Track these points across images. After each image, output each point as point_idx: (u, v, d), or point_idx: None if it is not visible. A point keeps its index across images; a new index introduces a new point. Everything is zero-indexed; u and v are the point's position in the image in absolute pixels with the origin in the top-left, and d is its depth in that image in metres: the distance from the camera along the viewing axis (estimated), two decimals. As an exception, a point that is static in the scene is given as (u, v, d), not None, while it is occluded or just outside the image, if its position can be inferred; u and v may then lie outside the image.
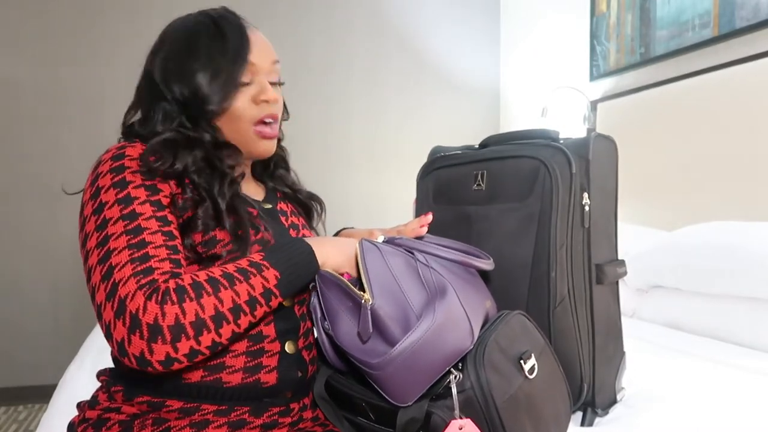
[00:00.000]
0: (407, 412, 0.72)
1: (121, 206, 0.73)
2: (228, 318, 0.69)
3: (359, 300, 0.72)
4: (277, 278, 0.74)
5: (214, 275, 0.71)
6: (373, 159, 3.12)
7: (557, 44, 2.84)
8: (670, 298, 1.74)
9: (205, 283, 0.69)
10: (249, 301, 0.71)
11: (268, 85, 0.86)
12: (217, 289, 0.69)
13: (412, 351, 0.68)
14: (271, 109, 0.86)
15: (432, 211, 1.11)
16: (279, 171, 1.01)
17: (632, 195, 2.23)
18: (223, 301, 0.69)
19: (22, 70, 2.66)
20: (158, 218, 0.74)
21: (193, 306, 0.67)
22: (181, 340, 0.66)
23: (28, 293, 2.70)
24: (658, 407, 1.01)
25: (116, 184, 0.74)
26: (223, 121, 0.85)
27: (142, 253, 0.70)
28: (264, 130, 0.87)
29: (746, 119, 1.81)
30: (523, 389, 0.75)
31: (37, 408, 2.61)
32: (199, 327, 0.67)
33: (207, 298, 0.68)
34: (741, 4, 1.82)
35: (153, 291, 0.67)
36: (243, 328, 0.73)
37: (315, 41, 3.01)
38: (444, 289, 0.72)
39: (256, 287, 0.72)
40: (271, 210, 0.93)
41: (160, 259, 0.70)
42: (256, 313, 0.73)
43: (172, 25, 0.88)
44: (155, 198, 0.75)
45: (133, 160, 0.77)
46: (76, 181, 0.94)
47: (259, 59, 0.85)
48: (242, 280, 0.71)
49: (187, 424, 0.75)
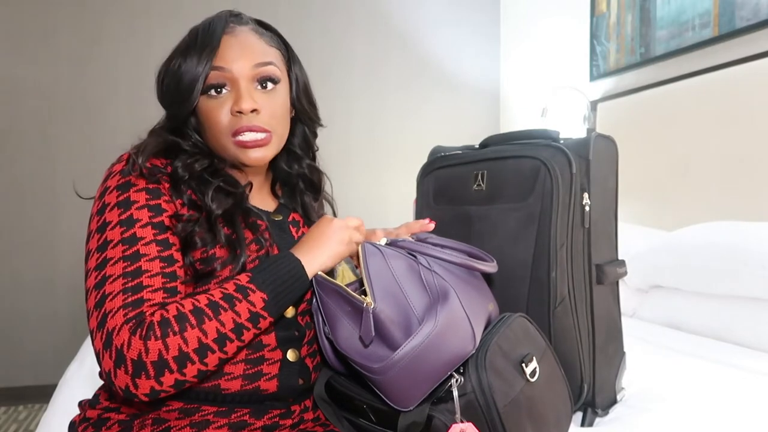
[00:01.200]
0: (408, 416, 0.72)
1: (122, 228, 0.73)
2: (213, 348, 0.70)
3: (359, 305, 0.71)
4: (264, 300, 0.73)
5: (199, 305, 0.70)
6: (373, 159, 3.12)
7: (557, 44, 2.83)
8: (670, 298, 1.74)
9: (190, 314, 0.69)
10: (235, 328, 0.71)
11: (244, 94, 0.80)
12: (201, 320, 0.69)
13: (413, 355, 0.67)
14: (247, 121, 0.80)
15: (432, 212, 1.11)
16: (304, 198, 0.96)
17: (632, 195, 2.23)
18: (207, 333, 0.69)
19: (22, 70, 2.66)
20: (158, 242, 0.74)
21: (176, 340, 0.67)
22: (165, 375, 0.67)
23: (28, 293, 2.70)
24: (658, 407, 1.01)
25: (120, 204, 0.75)
26: (207, 132, 0.84)
27: (135, 282, 0.71)
28: (242, 140, 0.81)
29: (746, 119, 1.81)
30: (524, 392, 0.75)
31: (37, 408, 2.61)
32: (183, 360, 0.68)
33: (191, 331, 0.68)
34: (741, 4, 1.82)
35: (138, 325, 0.68)
36: (232, 353, 0.72)
37: (315, 41, 3.01)
38: (446, 292, 0.72)
39: (242, 314, 0.71)
40: (280, 222, 0.90)
41: (153, 289, 0.71)
42: (244, 337, 0.73)
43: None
44: (158, 219, 0.75)
45: (140, 177, 0.77)
46: (76, 181, 0.94)
47: (233, 65, 0.80)
48: (227, 308, 0.71)
49: (188, 424, 0.75)
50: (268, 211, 0.90)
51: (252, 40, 0.84)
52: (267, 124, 0.82)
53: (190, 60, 0.80)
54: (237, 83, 0.81)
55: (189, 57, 0.81)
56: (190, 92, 0.80)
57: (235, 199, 0.83)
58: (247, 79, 0.81)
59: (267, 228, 0.85)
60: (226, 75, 0.81)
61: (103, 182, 0.78)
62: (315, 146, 0.98)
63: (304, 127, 0.95)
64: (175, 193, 0.79)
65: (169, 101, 0.84)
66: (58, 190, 2.70)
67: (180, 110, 0.82)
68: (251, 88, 0.82)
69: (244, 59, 0.81)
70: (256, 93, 0.82)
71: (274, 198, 0.95)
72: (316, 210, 0.98)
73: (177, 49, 0.84)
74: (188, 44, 0.82)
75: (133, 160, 0.78)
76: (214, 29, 0.82)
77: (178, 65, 0.81)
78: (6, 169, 2.66)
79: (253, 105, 0.80)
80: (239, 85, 0.81)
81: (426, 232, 0.93)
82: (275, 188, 0.96)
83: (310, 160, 0.97)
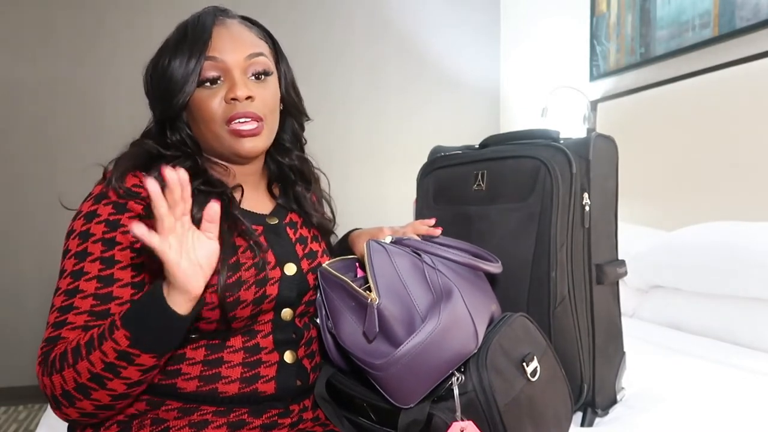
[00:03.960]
0: (409, 414, 0.72)
1: (75, 261, 0.75)
2: (94, 387, 0.68)
3: (363, 300, 0.72)
4: (127, 338, 0.66)
5: (79, 344, 0.69)
6: (373, 159, 3.12)
7: (557, 44, 2.83)
8: (670, 298, 1.74)
9: (70, 353, 0.69)
10: (106, 368, 0.67)
11: (238, 82, 0.81)
12: (75, 360, 0.68)
13: (415, 353, 0.67)
14: (242, 107, 0.81)
15: (432, 212, 1.11)
16: (296, 189, 0.95)
17: (632, 195, 2.23)
18: (81, 373, 0.68)
19: (22, 70, 2.66)
20: (100, 278, 0.74)
21: (58, 379, 0.68)
22: (77, 403, 0.69)
23: (28, 293, 2.70)
24: (658, 407, 1.01)
25: (81, 234, 0.77)
26: (199, 124, 0.83)
27: (63, 318, 0.73)
28: (238, 127, 0.81)
29: (746, 119, 1.81)
30: (525, 392, 0.75)
31: (37, 408, 2.61)
32: (82, 391, 0.68)
33: (67, 371, 0.68)
34: (741, 4, 1.82)
35: (42, 364, 0.71)
36: (126, 388, 0.68)
37: (315, 41, 3.01)
38: (450, 291, 0.72)
39: (108, 353, 0.66)
40: (276, 226, 0.89)
41: (73, 326, 0.72)
42: (126, 373, 0.67)
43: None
44: (109, 254, 0.75)
45: (108, 204, 0.77)
46: (75, 181, 0.94)
47: (227, 55, 0.81)
48: (96, 348, 0.67)
49: (186, 424, 0.75)
50: (263, 215, 0.89)
51: (243, 32, 0.85)
52: (260, 111, 0.83)
53: (182, 54, 0.80)
54: (230, 73, 0.81)
55: (180, 51, 0.81)
56: (184, 85, 0.80)
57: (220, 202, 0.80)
58: (240, 69, 0.82)
59: (263, 232, 0.85)
60: (219, 65, 0.81)
61: (83, 201, 0.80)
62: (303, 139, 0.99)
63: (293, 121, 0.96)
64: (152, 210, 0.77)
65: (160, 97, 0.83)
66: (58, 190, 2.69)
67: (173, 105, 0.81)
68: (245, 78, 0.83)
69: (236, 50, 0.82)
70: (249, 83, 0.83)
71: (271, 198, 0.95)
72: (312, 203, 0.98)
73: (165, 47, 0.84)
74: (177, 39, 0.82)
75: (109, 180, 0.78)
76: (203, 22, 0.82)
77: (167, 61, 0.81)
78: (6, 169, 2.66)
79: (247, 92, 0.81)
80: (233, 74, 0.81)
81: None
82: (272, 188, 0.96)
83: (299, 151, 0.97)
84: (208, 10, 0.86)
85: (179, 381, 0.77)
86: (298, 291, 0.85)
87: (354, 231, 1.00)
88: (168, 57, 0.82)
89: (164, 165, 0.67)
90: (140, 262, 0.76)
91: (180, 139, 0.85)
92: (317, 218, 0.96)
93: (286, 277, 0.83)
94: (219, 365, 0.78)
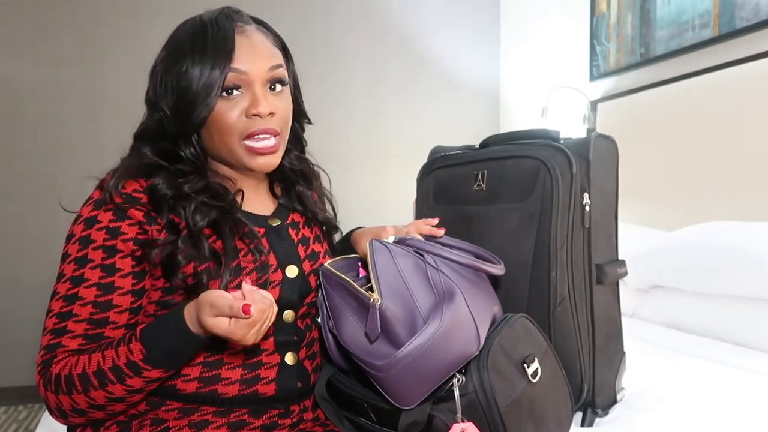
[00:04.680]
0: (409, 415, 0.72)
1: (75, 266, 0.75)
2: (102, 405, 0.71)
3: (366, 300, 0.71)
4: (143, 353, 0.69)
5: (87, 371, 0.70)
6: (373, 159, 3.12)
7: (557, 44, 2.83)
8: (670, 298, 1.74)
9: (77, 379, 0.70)
10: (115, 376, 0.70)
11: (260, 97, 0.78)
12: (86, 388, 0.70)
13: (417, 354, 0.67)
14: (263, 123, 0.78)
15: (432, 212, 1.11)
16: (297, 188, 0.94)
17: (632, 195, 2.23)
18: (95, 399, 0.70)
19: (22, 70, 2.65)
20: (100, 286, 0.74)
21: (66, 400, 0.71)
22: (78, 415, 0.72)
23: (28, 293, 2.69)
24: (658, 407, 1.01)
25: (81, 240, 0.76)
26: (213, 135, 0.80)
27: (62, 325, 0.73)
28: (254, 146, 0.79)
29: (746, 119, 1.81)
30: (526, 393, 0.75)
31: (37, 408, 2.61)
32: (80, 412, 0.72)
33: (76, 395, 0.70)
34: (741, 4, 1.81)
35: (42, 374, 0.72)
36: (128, 388, 0.70)
37: (315, 41, 3.00)
38: (452, 293, 0.72)
39: (120, 367, 0.69)
40: (278, 227, 0.88)
41: (73, 335, 0.73)
42: (129, 382, 0.69)
43: (175, 30, 0.83)
44: (110, 261, 0.75)
45: (108, 210, 0.76)
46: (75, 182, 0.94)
47: (250, 66, 0.78)
48: (106, 374, 0.69)
49: (186, 424, 0.75)
50: (265, 216, 0.88)
51: (262, 41, 0.82)
52: (279, 126, 0.81)
53: (203, 63, 0.76)
54: (252, 86, 0.79)
55: (201, 60, 0.76)
56: (207, 97, 0.76)
57: (221, 210, 0.80)
58: (261, 82, 0.79)
59: (265, 234, 0.84)
60: (241, 77, 0.78)
61: (83, 205, 0.79)
62: (304, 140, 0.97)
63: (295, 123, 0.94)
64: (153, 217, 0.76)
65: (177, 107, 0.78)
66: (58, 190, 2.69)
67: (192, 118, 0.77)
68: (265, 90, 0.80)
69: (258, 61, 0.79)
70: (269, 95, 0.80)
71: (273, 199, 0.93)
72: (315, 201, 0.96)
73: (179, 50, 0.79)
74: (195, 44, 0.77)
75: (107, 188, 0.76)
76: (224, 28, 0.78)
77: (185, 68, 0.77)
78: (6, 169, 2.66)
79: (270, 108, 0.79)
80: (255, 88, 0.78)
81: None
82: (273, 188, 0.94)
83: (299, 152, 0.96)
84: (224, 12, 0.81)
85: (179, 382, 0.77)
86: (299, 293, 0.84)
87: (357, 229, 1.00)
88: (186, 64, 0.77)
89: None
90: (141, 270, 0.76)
91: (194, 153, 0.82)
92: (323, 215, 0.95)
93: (288, 279, 0.83)
94: (219, 367, 0.78)
